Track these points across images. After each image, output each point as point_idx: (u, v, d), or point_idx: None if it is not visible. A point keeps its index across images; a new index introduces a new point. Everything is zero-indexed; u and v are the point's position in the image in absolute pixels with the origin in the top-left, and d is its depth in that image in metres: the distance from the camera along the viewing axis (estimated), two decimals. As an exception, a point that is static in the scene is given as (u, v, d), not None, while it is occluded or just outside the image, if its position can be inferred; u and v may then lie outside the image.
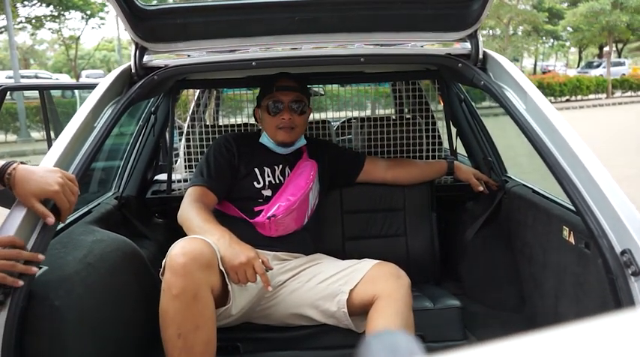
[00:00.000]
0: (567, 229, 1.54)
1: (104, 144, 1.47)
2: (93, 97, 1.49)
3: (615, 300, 1.09)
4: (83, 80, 21.08)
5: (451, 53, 1.66)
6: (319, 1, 1.64)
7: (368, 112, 3.23)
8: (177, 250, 1.35)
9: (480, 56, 1.63)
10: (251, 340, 1.64)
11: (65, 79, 23.08)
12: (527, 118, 1.40)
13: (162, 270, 1.39)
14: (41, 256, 1.13)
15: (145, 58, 1.65)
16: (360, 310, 1.55)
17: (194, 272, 1.33)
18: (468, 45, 1.66)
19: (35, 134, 11.78)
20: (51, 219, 1.16)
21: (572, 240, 1.51)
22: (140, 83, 1.59)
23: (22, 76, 14.50)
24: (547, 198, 1.78)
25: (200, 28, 1.66)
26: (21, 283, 1.08)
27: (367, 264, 1.62)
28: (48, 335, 1.17)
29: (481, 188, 2.10)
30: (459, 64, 1.63)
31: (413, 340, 0.30)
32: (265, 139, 1.89)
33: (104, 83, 1.56)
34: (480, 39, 1.64)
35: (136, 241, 1.77)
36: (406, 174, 2.07)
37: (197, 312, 1.34)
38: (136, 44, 1.63)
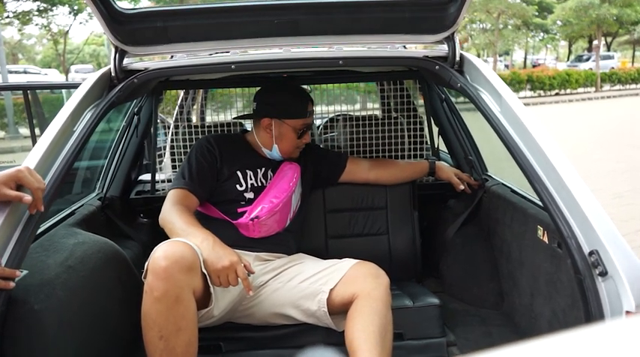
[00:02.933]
0: (542, 228, 1.57)
1: (84, 148, 1.47)
2: (72, 101, 1.49)
3: (583, 299, 1.12)
4: (72, 75, 20.98)
5: (428, 55, 1.68)
6: (298, 4, 1.65)
7: (351, 110, 3.24)
8: (160, 254, 1.36)
9: (457, 59, 1.65)
10: (233, 339, 1.66)
11: (54, 74, 22.86)
12: (501, 120, 1.42)
13: (144, 272, 1.40)
14: (19, 272, 1.14)
15: (125, 61, 1.65)
16: (340, 310, 1.57)
17: (176, 275, 1.34)
18: (445, 47, 1.68)
19: (24, 131, 11.64)
20: (27, 198, 1.15)
21: (545, 239, 1.54)
22: (120, 87, 1.59)
23: (10, 72, 14.34)
24: (524, 197, 1.81)
25: (180, 31, 1.66)
26: None
27: (347, 263, 1.64)
28: (28, 339, 1.18)
29: (462, 187, 2.12)
30: (437, 67, 1.65)
31: None
32: (274, 153, 1.89)
33: (83, 87, 1.56)
34: (457, 42, 1.66)
35: (119, 243, 1.78)
36: (388, 174, 2.09)
37: (179, 314, 1.35)
38: (116, 47, 1.63)
